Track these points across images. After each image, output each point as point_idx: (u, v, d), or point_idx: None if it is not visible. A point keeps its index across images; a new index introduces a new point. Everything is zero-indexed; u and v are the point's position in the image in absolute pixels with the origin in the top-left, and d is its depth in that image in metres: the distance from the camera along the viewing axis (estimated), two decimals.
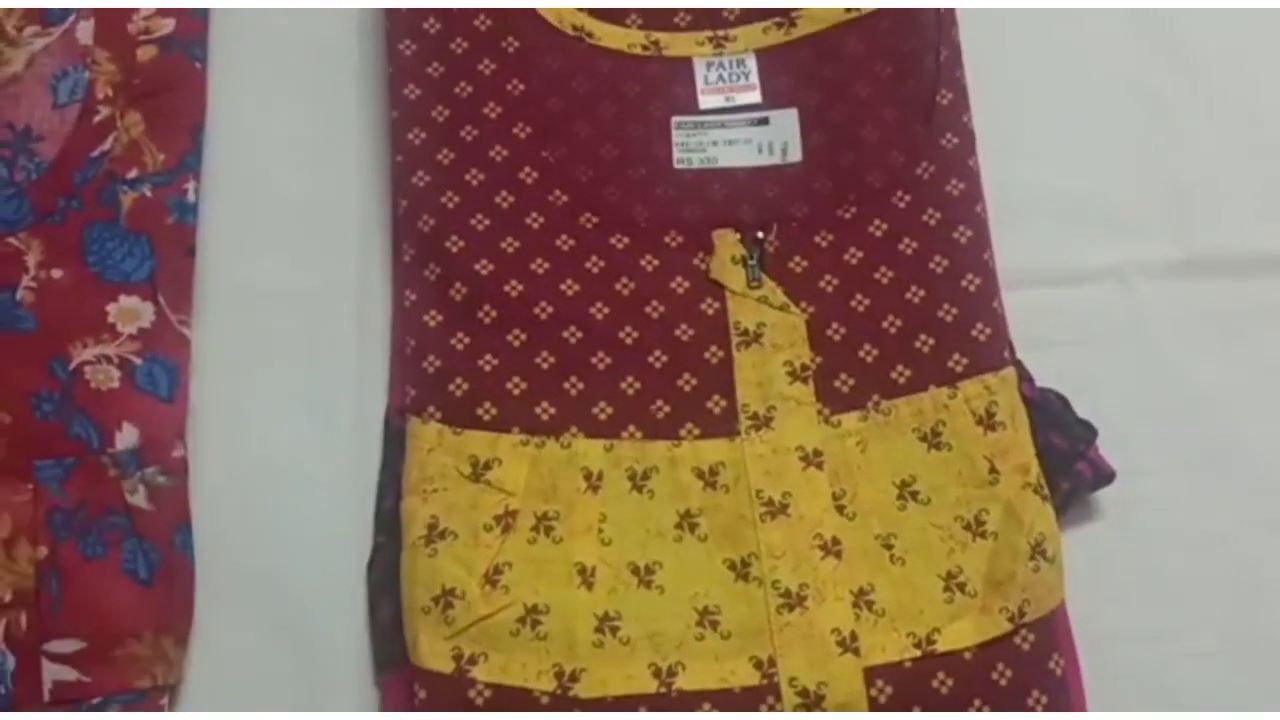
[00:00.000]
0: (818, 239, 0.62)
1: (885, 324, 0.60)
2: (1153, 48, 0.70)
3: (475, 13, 0.65)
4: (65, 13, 0.63)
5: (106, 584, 0.54)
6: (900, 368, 0.59)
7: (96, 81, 0.62)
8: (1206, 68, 0.70)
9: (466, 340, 0.59)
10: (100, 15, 0.63)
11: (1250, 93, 0.69)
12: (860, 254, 0.61)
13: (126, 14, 0.63)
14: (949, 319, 0.59)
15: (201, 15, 0.65)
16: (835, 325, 0.60)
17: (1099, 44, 0.71)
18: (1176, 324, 0.65)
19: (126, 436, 0.56)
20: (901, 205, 0.62)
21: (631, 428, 0.58)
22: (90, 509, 0.55)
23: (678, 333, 0.60)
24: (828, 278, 0.61)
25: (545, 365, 0.58)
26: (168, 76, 0.63)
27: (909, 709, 0.53)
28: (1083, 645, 0.56)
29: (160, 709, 0.54)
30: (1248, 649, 0.58)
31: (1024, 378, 0.59)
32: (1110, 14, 0.71)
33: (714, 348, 0.59)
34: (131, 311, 0.59)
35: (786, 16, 0.66)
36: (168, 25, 0.64)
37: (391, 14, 0.65)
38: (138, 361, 0.58)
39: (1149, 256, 0.66)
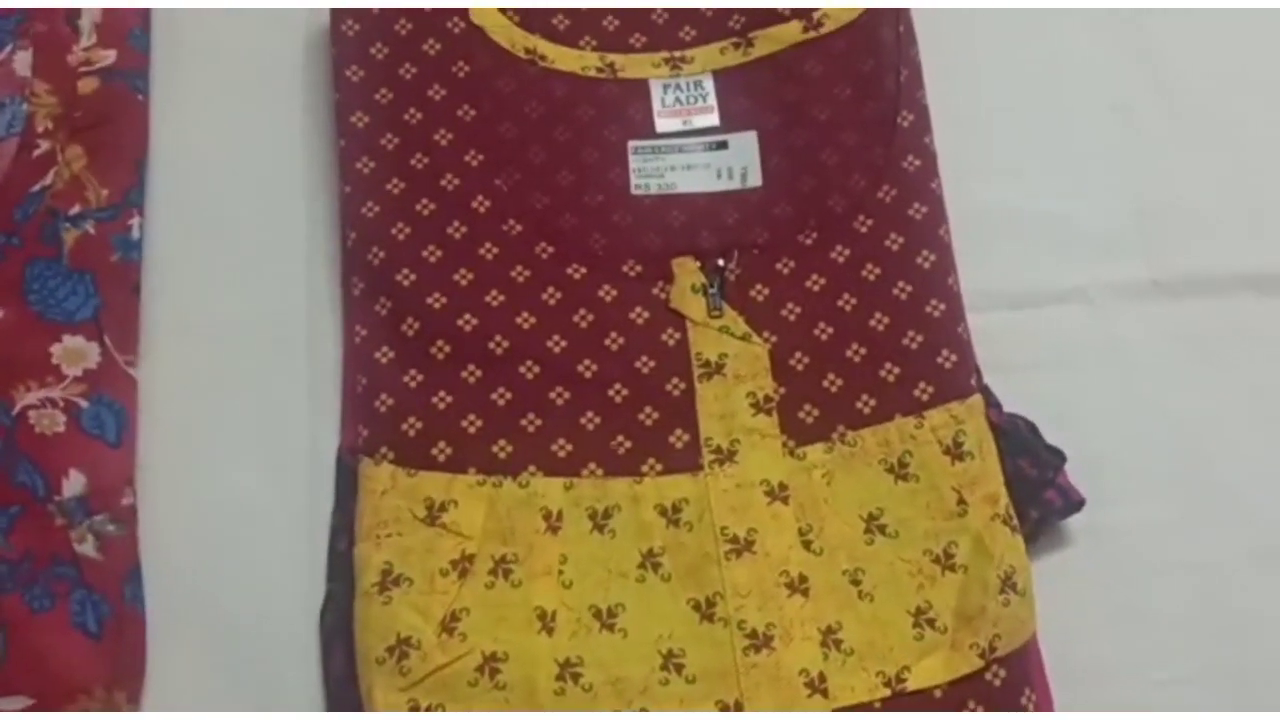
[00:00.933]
0: (779, 266, 0.60)
1: (849, 353, 0.58)
2: (1122, 68, 0.69)
3: (424, 37, 0.63)
4: (1, 43, 0.61)
5: (55, 638, 0.52)
6: (865, 397, 0.58)
7: (36, 114, 0.60)
8: (1175, 88, 0.69)
9: (419, 377, 0.57)
10: (39, 45, 0.61)
11: (1219, 112, 0.68)
12: (822, 281, 0.60)
13: (66, 45, 0.62)
14: (914, 346, 0.58)
15: (143, 47, 0.63)
16: (798, 355, 0.58)
17: (1067, 64, 0.69)
18: (1145, 345, 0.64)
19: (74, 484, 0.55)
20: (863, 230, 0.61)
21: (592, 465, 0.56)
22: (36, 560, 0.53)
23: (638, 365, 0.58)
24: (790, 306, 0.60)
25: (502, 402, 0.57)
26: (109, 109, 0.61)
27: None
28: (1056, 678, 0.55)
29: None
30: (1223, 678, 0.57)
31: (991, 404, 0.58)
32: (1080, 34, 0.70)
33: (675, 380, 0.58)
34: (76, 352, 0.57)
35: (744, 37, 0.65)
36: (109, 56, 0.62)
37: (338, 39, 0.63)
38: (84, 404, 0.56)
39: (1117, 277, 0.65)
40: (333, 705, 0.54)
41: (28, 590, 0.53)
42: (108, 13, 0.63)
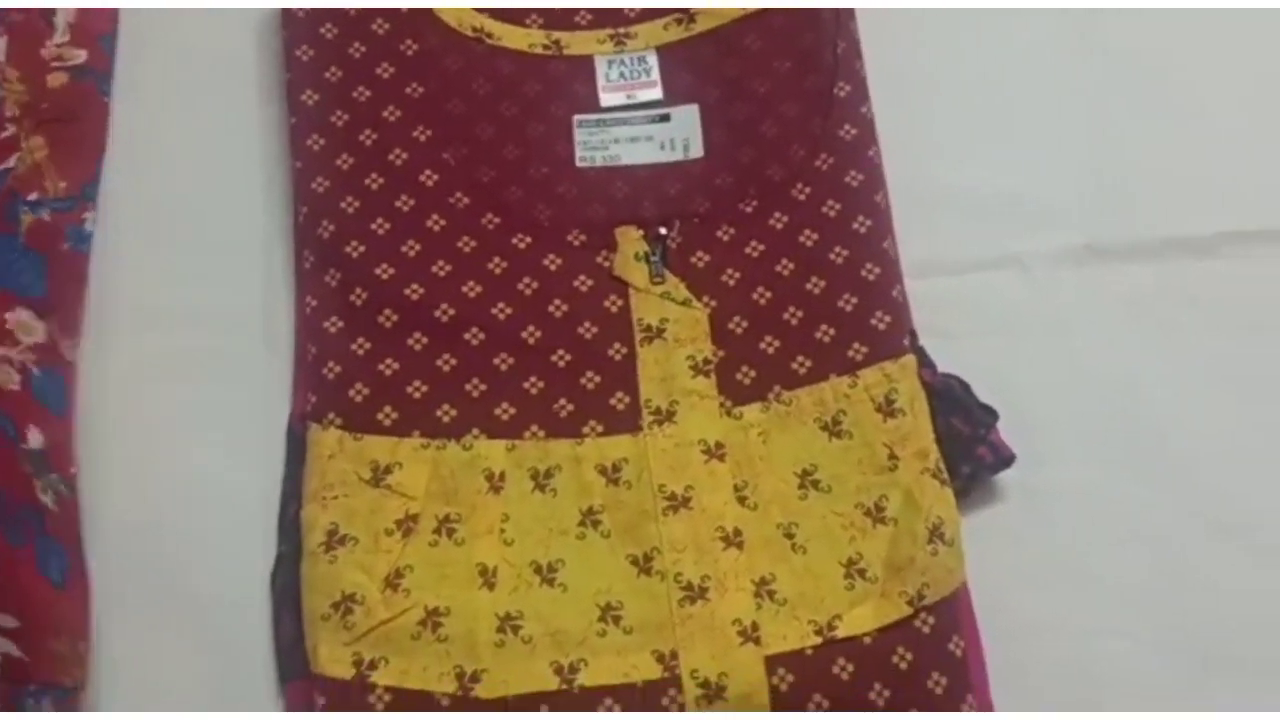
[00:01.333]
0: (719, 233, 0.62)
1: (786, 315, 0.60)
2: (1060, 42, 0.71)
3: (373, 16, 0.65)
4: None
5: (29, 574, 0.54)
6: (801, 358, 0.59)
7: (5, 99, 0.62)
8: (1112, 61, 0.70)
9: (367, 345, 0.59)
10: (14, 34, 0.63)
11: (1152, 85, 0.70)
12: (761, 247, 0.61)
13: (41, 38, 0.64)
14: (849, 308, 0.60)
15: (111, 50, 0.65)
16: (737, 318, 0.60)
17: (1007, 39, 0.71)
18: (1080, 309, 0.65)
19: (34, 438, 0.57)
20: (801, 197, 0.62)
21: (534, 427, 0.58)
22: (10, 496, 0.55)
23: (581, 331, 0.60)
24: (729, 271, 0.61)
25: (446, 368, 0.58)
26: (75, 105, 0.63)
27: (810, 696, 0.53)
28: (987, 628, 0.57)
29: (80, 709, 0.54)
30: (1151, 630, 0.58)
31: (925, 364, 0.60)
32: (1021, 15, 0.71)
33: (617, 345, 0.60)
34: (26, 325, 0.59)
35: (686, 13, 0.66)
36: (80, 55, 0.64)
37: (289, 20, 0.65)
38: (36, 371, 0.58)
39: (1053, 245, 0.66)
40: (283, 665, 0.55)
41: (5, 524, 0.55)
42: (81, 13, 0.65)
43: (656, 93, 0.65)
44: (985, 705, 0.55)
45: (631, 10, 0.67)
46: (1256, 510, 0.61)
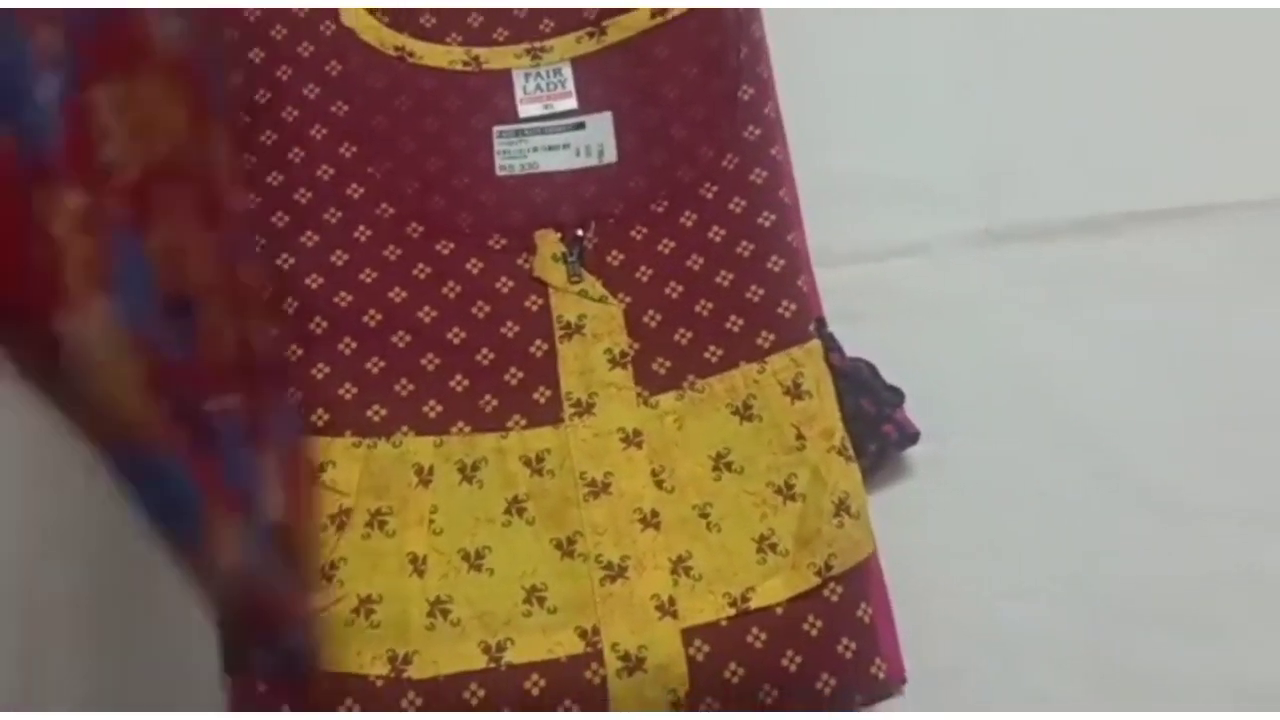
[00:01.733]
0: (633, 233, 0.65)
1: (698, 308, 0.63)
2: (958, 36, 0.75)
3: (298, 40, 0.68)
4: None
5: None
6: (713, 348, 0.62)
7: None
8: (1008, 52, 0.74)
9: (299, 352, 0.62)
10: None
11: (1050, 73, 0.73)
12: (673, 244, 0.65)
13: None
14: (756, 299, 0.63)
15: None
16: (651, 312, 0.63)
17: (908, 34, 0.75)
18: (983, 290, 0.68)
19: None
20: (710, 196, 0.65)
21: (461, 423, 0.61)
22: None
23: (504, 330, 0.63)
24: (643, 268, 0.64)
25: (375, 370, 0.61)
26: None
27: (725, 665, 0.56)
28: (903, 594, 0.59)
29: None
30: (1062, 587, 0.61)
31: (833, 348, 0.63)
32: (922, 15, 0.75)
33: (539, 341, 0.63)
34: None
35: (598, 26, 0.70)
36: None
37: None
38: None
39: (955, 229, 0.70)
40: (226, 661, 0.58)
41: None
42: None
43: (572, 102, 0.69)
44: (897, 669, 0.58)
45: (547, 25, 0.70)
46: (1159, 475, 0.64)
